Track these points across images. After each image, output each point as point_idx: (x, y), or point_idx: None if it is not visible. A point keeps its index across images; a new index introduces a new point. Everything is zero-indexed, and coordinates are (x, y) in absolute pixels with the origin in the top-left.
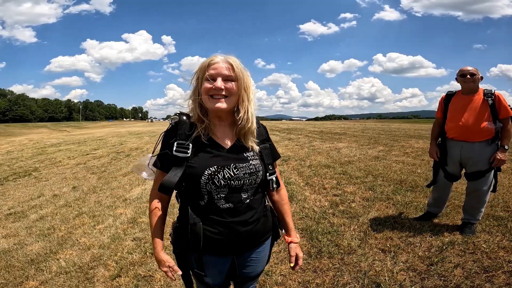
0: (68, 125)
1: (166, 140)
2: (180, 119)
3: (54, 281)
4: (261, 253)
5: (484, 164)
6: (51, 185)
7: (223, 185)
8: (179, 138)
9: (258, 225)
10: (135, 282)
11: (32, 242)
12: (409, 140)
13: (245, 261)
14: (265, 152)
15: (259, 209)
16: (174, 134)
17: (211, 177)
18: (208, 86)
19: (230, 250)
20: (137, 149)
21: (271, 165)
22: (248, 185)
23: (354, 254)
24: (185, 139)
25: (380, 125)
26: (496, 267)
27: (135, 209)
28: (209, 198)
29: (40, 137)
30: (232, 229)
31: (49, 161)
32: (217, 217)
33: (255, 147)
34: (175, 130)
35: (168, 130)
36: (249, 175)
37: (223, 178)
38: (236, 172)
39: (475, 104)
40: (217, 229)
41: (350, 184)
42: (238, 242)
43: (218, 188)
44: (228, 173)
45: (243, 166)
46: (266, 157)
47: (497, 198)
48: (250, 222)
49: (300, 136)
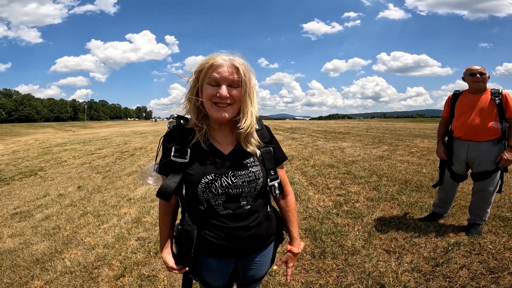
0: (73, 124)
1: (165, 145)
2: (177, 123)
3: (59, 281)
4: (264, 256)
5: (491, 164)
6: (56, 185)
7: (221, 193)
8: (177, 143)
9: (261, 229)
10: (139, 282)
11: (38, 242)
12: (414, 139)
13: (248, 264)
14: (266, 156)
15: (261, 214)
16: (172, 139)
17: (208, 186)
18: (211, 93)
19: (233, 254)
20: (141, 149)
21: (273, 170)
22: (247, 193)
23: (358, 255)
24: (182, 144)
25: (384, 124)
26: (502, 268)
27: (139, 209)
28: (208, 205)
29: (45, 137)
30: (233, 234)
31: (54, 160)
32: (218, 222)
33: (257, 151)
34: (172, 134)
35: (166, 135)
36: (248, 183)
37: (221, 187)
38: (234, 180)
39: (482, 104)
40: (218, 234)
41: (354, 184)
42: (239, 246)
43: (215, 196)
44: (225, 182)
45: (242, 174)
46: (267, 161)
47: (504, 198)
48: (251, 227)
49: (304, 135)
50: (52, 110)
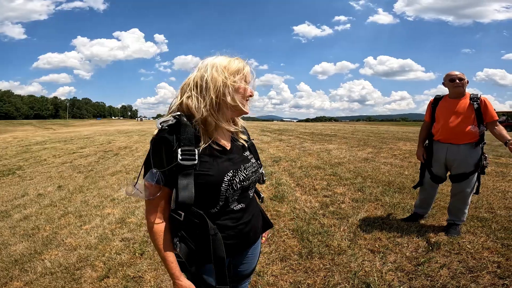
0: (54, 122)
1: (166, 147)
2: (181, 121)
3: (39, 282)
4: (255, 249)
5: (469, 166)
6: (35, 184)
7: (239, 187)
8: (184, 144)
9: (257, 219)
10: (124, 283)
11: (16, 242)
12: (397, 142)
13: (242, 260)
14: (253, 148)
15: (255, 203)
16: (174, 139)
17: (230, 183)
18: (249, 90)
19: (234, 252)
20: (126, 148)
21: (259, 159)
22: (254, 183)
23: (344, 255)
24: (190, 144)
25: (369, 127)
26: (481, 268)
27: (124, 209)
28: (225, 203)
29: (25, 134)
30: (241, 231)
31: (33, 159)
32: (228, 221)
33: (245, 144)
34: (173, 134)
35: (164, 136)
36: (254, 173)
37: (239, 181)
38: (246, 173)
39: (462, 108)
40: (227, 234)
41: (340, 185)
42: (245, 243)
43: (235, 192)
44: (242, 175)
45: (249, 165)
46: (254, 153)
47: (481, 200)
48: (252, 218)
49: (291, 137)
50: (32, 107)
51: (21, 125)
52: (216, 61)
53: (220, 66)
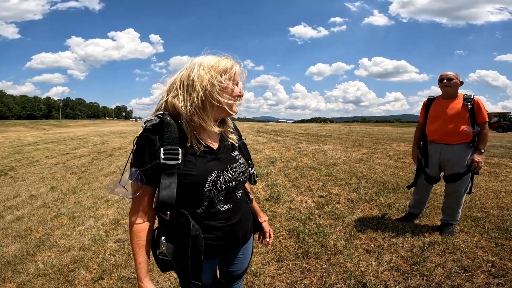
0: (47, 123)
1: (148, 147)
2: (164, 120)
3: (32, 283)
4: (246, 249)
5: (462, 166)
6: (28, 185)
7: (224, 188)
8: (167, 143)
9: (247, 220)
10: (119, 285)
11: (8, 244)
12: (391, 143)
13: (233, 260)
14: (244, 148)
15: (244, 202)
16: (157, 139)
17: (214, 183)
18: (237, 90)
19: (223, 252)
20: (120, 149)
21: (250, 159)
22: (241, 183)
23: (340, 255)
24: (173, 143)
25: (364, 128)
26: (475, 267)
27: (118, 210)
28: (209, 204)
29: (17, 135)
30: (229, 232)
31: (26, 160)
32: (216, 222)
33: (236, 144)
34: (156, 134)
35: (146, 135)
36: (241, 174)
37: (224, 182)
38: (232, 173)
39: (455, 108)
40: (215, 234)
41: (335, 186)
42: (234, 243)
43: (219, 192)
44: (227, 176)
45: (236, 166)
46: (245, 152)
47: (474, 199)
48: (241, 219)
49: (287, 138)
50: (25, 108)
51: (13, 125)
52: (204, 60)
53: (207, 65)
